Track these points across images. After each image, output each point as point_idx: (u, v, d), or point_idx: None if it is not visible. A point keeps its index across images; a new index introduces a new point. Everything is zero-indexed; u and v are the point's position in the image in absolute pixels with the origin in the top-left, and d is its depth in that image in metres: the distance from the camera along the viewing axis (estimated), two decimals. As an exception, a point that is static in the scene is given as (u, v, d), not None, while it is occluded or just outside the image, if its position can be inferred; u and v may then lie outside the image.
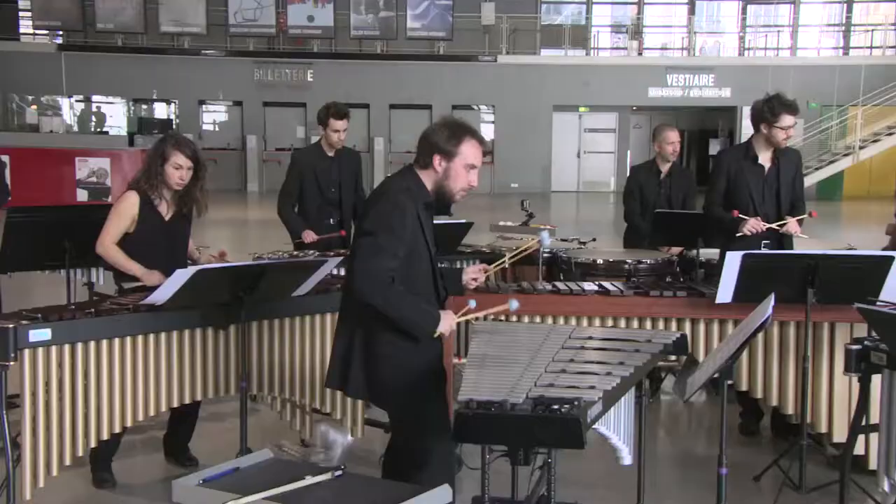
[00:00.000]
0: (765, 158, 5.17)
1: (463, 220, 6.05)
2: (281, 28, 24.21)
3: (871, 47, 25.59)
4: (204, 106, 25.37)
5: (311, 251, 5.64)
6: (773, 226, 5.09)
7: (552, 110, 24.75)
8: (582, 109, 25.72)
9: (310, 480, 2.28)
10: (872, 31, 25.75)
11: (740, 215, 5.09)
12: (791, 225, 5.10)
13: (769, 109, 5.01)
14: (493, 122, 25.17)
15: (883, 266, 4.01)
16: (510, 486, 3.60)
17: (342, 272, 4.58)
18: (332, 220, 6.02)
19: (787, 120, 4.99)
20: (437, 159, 3.35)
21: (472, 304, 3.43)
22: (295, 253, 5.81)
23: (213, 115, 25.92)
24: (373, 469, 4.49)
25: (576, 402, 2.58)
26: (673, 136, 6.47)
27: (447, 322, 3.33)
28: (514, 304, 3.53)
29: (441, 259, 5.94)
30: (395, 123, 24.74)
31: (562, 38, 24.92)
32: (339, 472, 2.34)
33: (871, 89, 21.79)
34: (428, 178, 3.39)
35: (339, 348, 3.42)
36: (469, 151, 3.35)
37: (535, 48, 25.10)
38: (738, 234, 5.06)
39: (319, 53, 24.28)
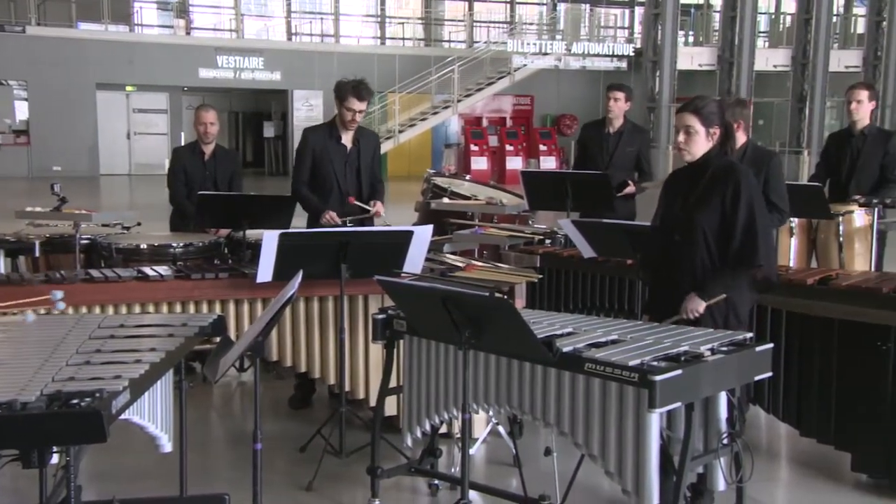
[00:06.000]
0: (347, 139, 5.50)
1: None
2: None
3: (403, 39, 27.81)
4: None
5: None
6: (365, 206, 5.43)
7: (95, 88, 23.28)
8: (129, 88, 24.59)
9: None
10: (404, 23, 28.00)
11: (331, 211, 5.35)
12: (378, 208, 5.48)
13: (340, 90, 5.39)
14: (27, 100, 23.03)
15: (403, 240, 4.36)
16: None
17: None
18: None
19: (353, 103, 5.35)
20: None
21: None
22: None
23: None
24: None
25: (97, 395, 2.44)
26: (205, 117, 6.39)
27: None
28: (57, 295, 3.28)
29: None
30: None
31: (100, 11, 23.48)
32: None
33: (405, 77, 23.66)
34: None
35: None
36: None
37: (70, 20, 23.37)
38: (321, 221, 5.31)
39: None
